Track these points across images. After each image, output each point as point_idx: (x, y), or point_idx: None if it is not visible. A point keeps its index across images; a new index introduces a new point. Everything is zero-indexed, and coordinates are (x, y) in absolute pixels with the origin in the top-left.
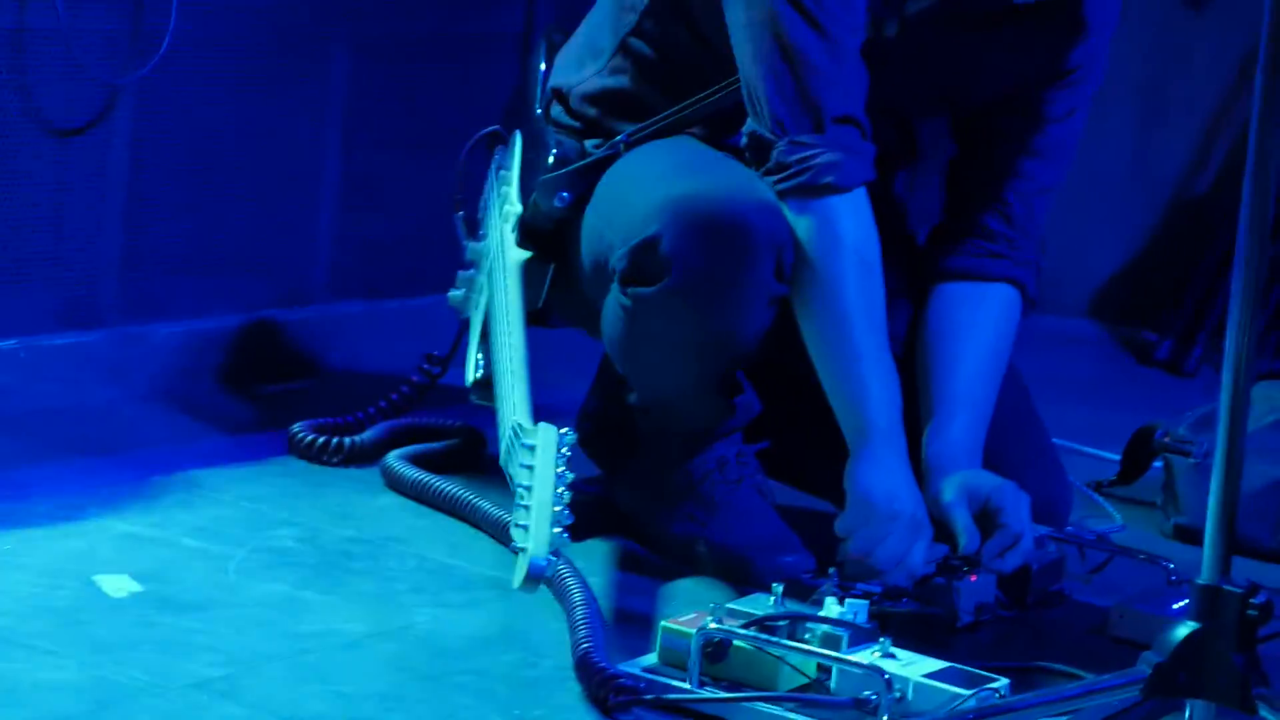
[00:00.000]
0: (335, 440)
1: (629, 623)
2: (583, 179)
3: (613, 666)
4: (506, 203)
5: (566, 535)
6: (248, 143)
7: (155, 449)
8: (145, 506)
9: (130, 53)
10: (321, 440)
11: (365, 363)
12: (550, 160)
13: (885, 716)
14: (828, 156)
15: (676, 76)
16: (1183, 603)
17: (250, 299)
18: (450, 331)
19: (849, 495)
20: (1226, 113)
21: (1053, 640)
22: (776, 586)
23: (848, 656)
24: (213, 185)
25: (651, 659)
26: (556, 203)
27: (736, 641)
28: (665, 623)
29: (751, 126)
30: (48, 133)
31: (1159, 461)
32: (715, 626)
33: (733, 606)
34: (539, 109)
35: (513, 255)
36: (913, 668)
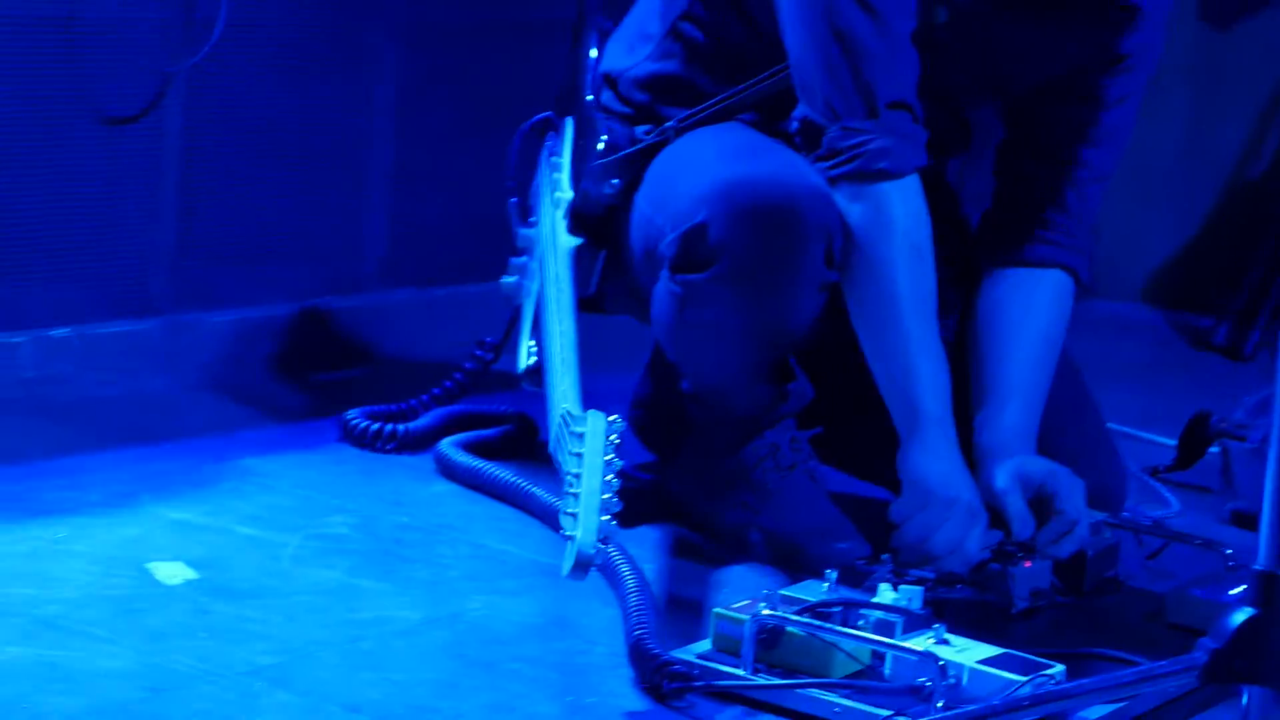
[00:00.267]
0: (389, 427)
1: (682, 609)
2: (633, 165)
3: (666, 653)
4: (557, 189)
5: (615, 523)
6: (299, 130)
7: (208, 437)
8: (198, 494)
9: (182, 41)
10: (375, 427)
11: (418, 350)
12: (600, 147)
13: (940, 703)
14: (881, 142)
15: (727, 61)
16: (1240, 588)
17: (302, 287)
18: (503, 319)
19: (904, 481)
20: None
21: (1108, 626)
22: (830, 573)
23: (902, 643)
24: (264, 173)
25: (705, 645)
26: (607, 189)
27: (790, 628)
28: (718, 609)
29: (803, 112)
30: (100, 121)
31: (1216, 446)
32: (769, 613)
33: (786, 593)
34: (590, 95)
35: (564, 242)
36: (967, 654)
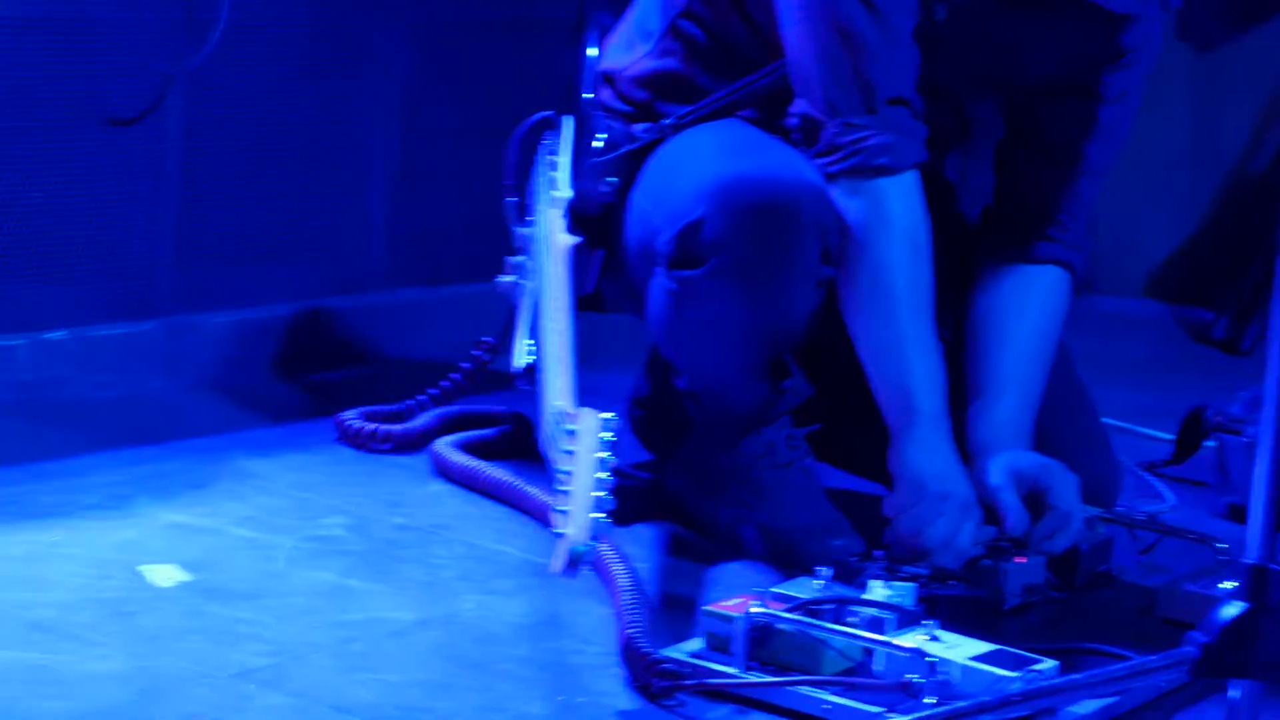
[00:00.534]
0: (385, 428)
1: (677, 608)
2: (630, 164)
3: (657, 652)
4: (555, 188)
5: (608, 520)
6: (301, 131)
7: (206, 438)
8: (195, 496)
9: (184, 42)
10: (371, 428)
11: (421, 350)
12: (598, 145)
13: (929, 699)
14: (881, 138)
15: (726, 59)
16: (1232, 583)
17: (305, 287)
18: (503, 318)
19: (897, 477)
20: None
21: (1102, 621)
22: (823, 570)
23: (891, 639)
24: (267, 174)
25: (696, 644)
26: (604, 188)
27: (780, 625)
28: (709, 607)
29: (802, 108)
30: (102, 123)
31: (1212, 441)
32: (759, 611)
33: (778, 590)
34: (589, 93)
35: (560, 241)
36: (958, 650)
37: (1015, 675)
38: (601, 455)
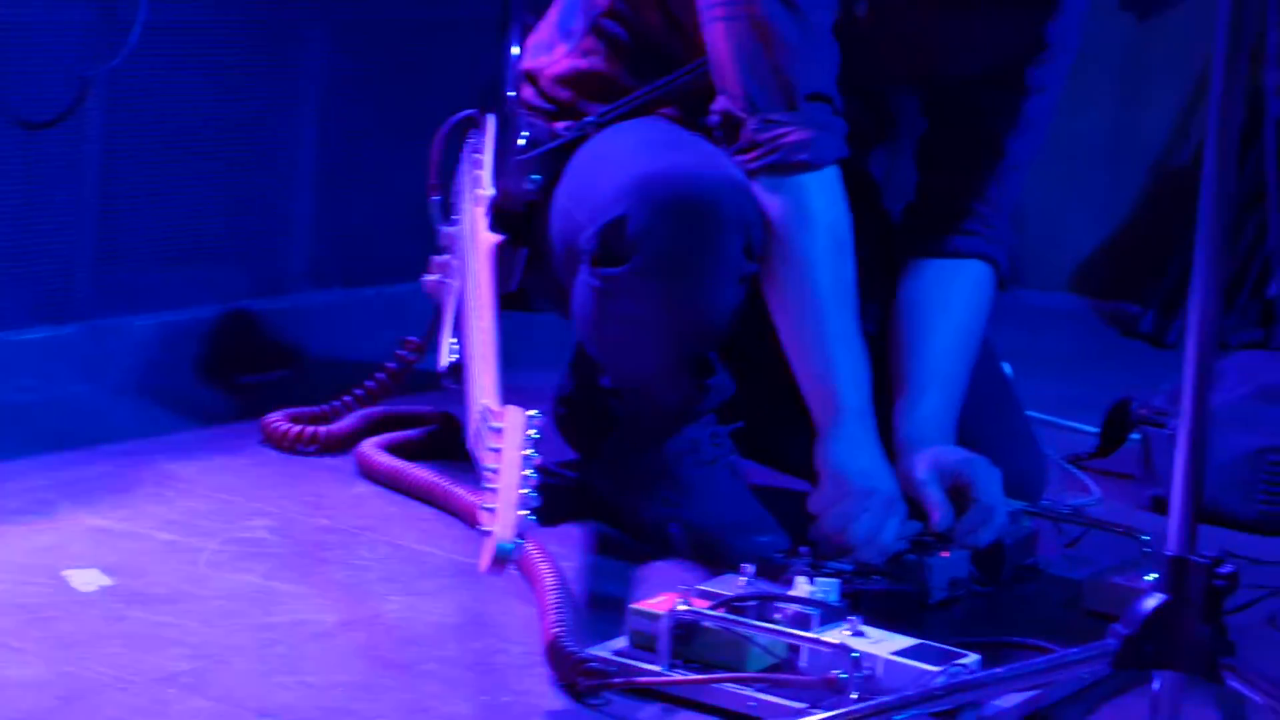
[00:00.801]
0: (310, 429)
1: (603, 607)
2: (553, 161)
3: (582, 650)
4: (479, 186)
5: (533, 518)
6: (222, 132)
7: (129, 442)
8: (117, 500)
9: (101, 43)
10: (296, 430)
11: (345, 351)
12: (521, 143)
13: (854, 694)
14: (800, 134)
15: (648, 57)
16: (1155, 574)
17: (227, 289)
18: (429, 317)
19: (821, 473)
20: (1207, 83)
21: (1027, 615)
22: (747, 567)
23: (815, 635)
24: (187, 176)
25: (621, 642)
26: (527, 185)
27: (705, 623)
28: (634, 605)
29: (723, 105)
30: (18, 125)
31: (1137, 434)
32: (684, 608)
33: (703, 588)
34: (511, 92)
35: (484, 239)
36: (882, 645)
37: (938, 670)
38: (527, 453)
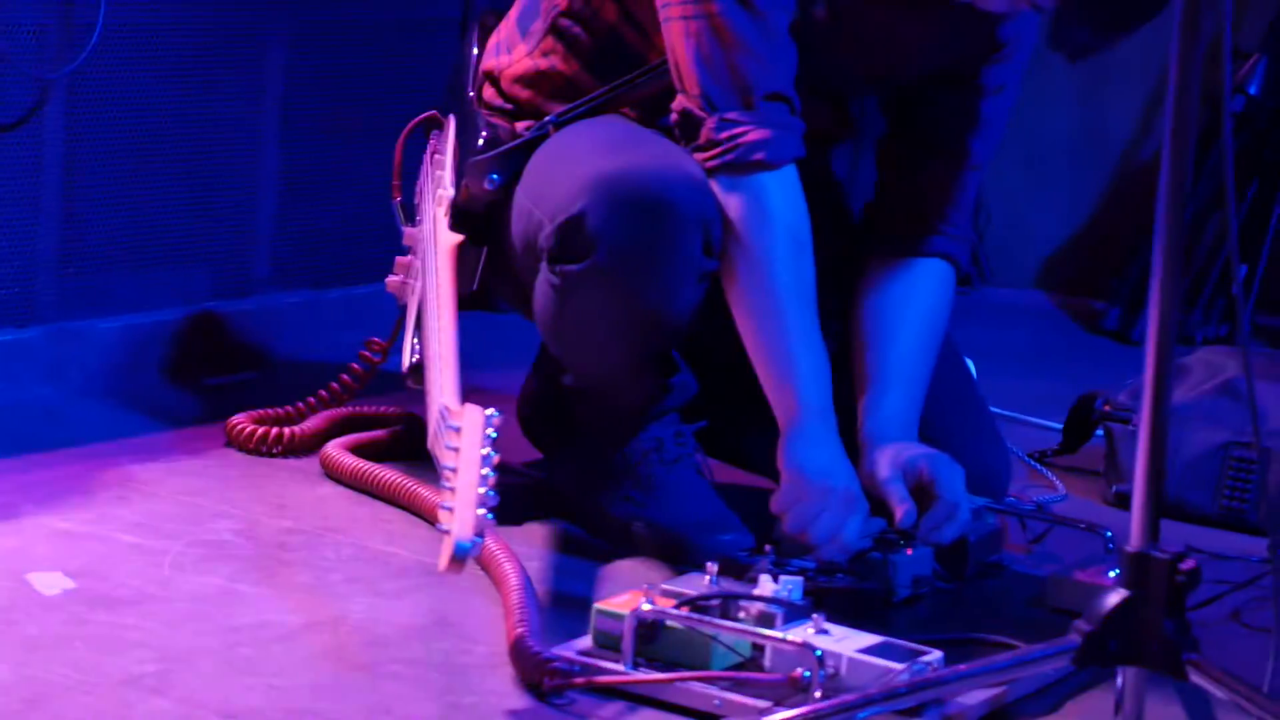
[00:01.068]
0: (274, 431)
1: (568, 606)
2: (513, 160)
3: (546, 650)
4: (440, 187)
5: (492, 517)
6: (184, 135)
7: (93, 445)
8: (81, 503)
9: (60, 46)
10: (260, 431)
11: (309, 352)
12: (480, 143)
13: (818, 693)
14: (757, 133)
15: (607, 57)
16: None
17: (191, 291)
18: (393, 318)
19: (782, 473)
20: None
21: (992, 612)
22: (711, 565)
23: (779, 634)
24: (149, 178)
25: (586, 641)
26: (487, 185)
27: (669, 622)
28: (598, 604)
29: (681, 104)
30: None
31: (1101, 430)
32: (648, 608)
33: (667, 587)
34: (471, 92)
35: (445, 239)
36: (846, 643)
37: (902, 667)
38: (485, 452)
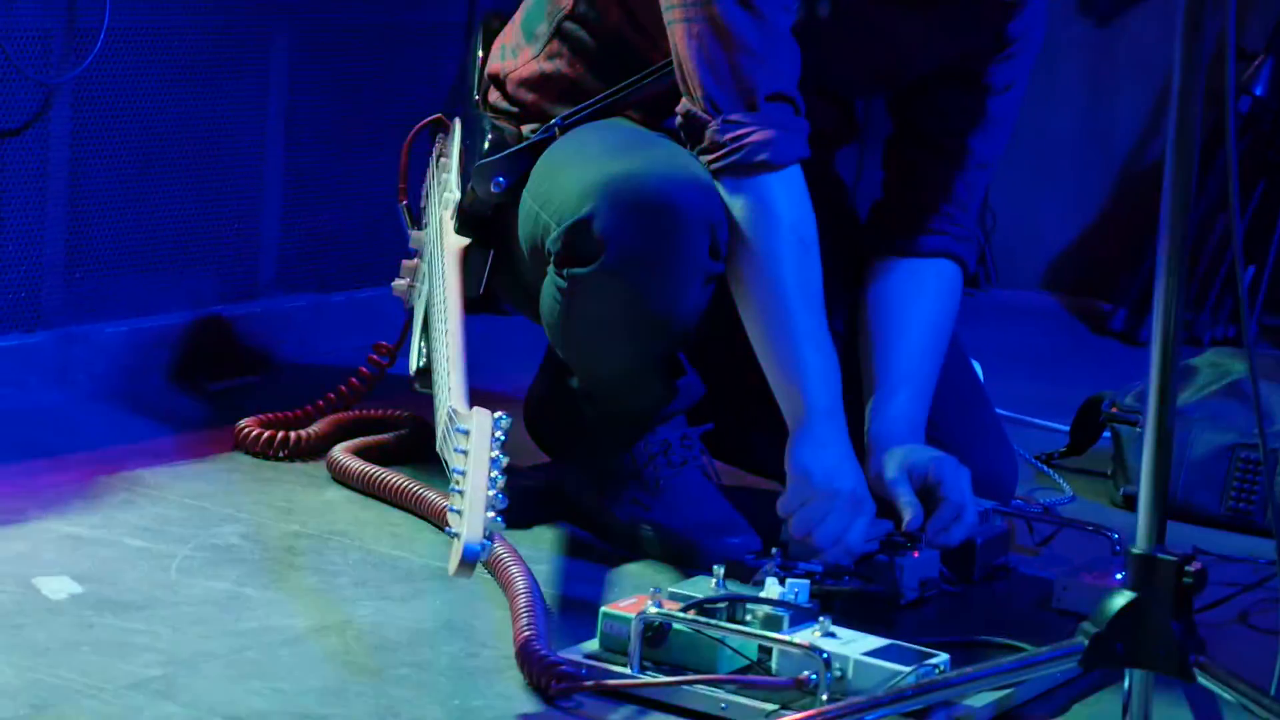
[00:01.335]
0: (282, 435)
1: (575, 609)
2: (519, 163)
3: (553, 654)
4: (446, 190)
5: (502, 520)
6: (189, 138)
7: (100, 449)
8: (88, 507)
9: (65, 51)
10: (268, 435)
11: (315, 356)
12: (486, 146)
13: (825, 696)
14: (761, 134)
15: (612, 60)
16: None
17: (197, 295)
18: (399, 322)
19: (789, 475)
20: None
21: (998, 614)
22: (717, 568)
23: (785, 637)
24: (155, 182)
25: (593, 645)
26: (493, 188)
27: (676, 625)
28: (605, 608)
29: (685, 106)
30: None
31: (1108, 432)
32: (655, 611)
33: (674, 590)
34: (477, 95)
35: (451, 242)
36: (853, 646)
37: (909, 669)
38: (494, 455)
